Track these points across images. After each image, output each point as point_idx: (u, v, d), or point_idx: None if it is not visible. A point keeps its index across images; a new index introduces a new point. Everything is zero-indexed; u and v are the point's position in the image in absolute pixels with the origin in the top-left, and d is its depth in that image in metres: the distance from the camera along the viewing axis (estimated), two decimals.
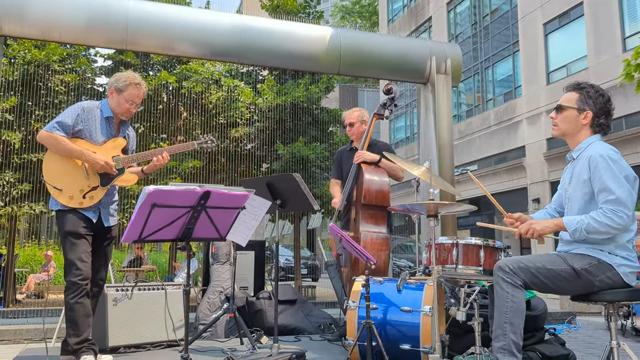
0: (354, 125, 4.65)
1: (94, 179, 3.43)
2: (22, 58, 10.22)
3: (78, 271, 3.28)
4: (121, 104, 3.51)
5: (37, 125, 9.99)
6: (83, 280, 3.29)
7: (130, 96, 3.51)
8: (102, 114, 3.52)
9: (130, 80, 3.51)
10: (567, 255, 2.85)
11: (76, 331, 3.28)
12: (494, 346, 2.75)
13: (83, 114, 3.45)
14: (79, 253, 3.31)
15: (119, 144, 3.56)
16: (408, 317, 3.22)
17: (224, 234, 2.89)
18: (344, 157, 4.74)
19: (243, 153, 11.50)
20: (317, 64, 6.14)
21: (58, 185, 3.38)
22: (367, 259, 3.24)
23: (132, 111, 3.57)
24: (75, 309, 3.27)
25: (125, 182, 3.59)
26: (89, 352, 3.30)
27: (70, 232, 3.35)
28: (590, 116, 2.94)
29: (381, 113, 4.51)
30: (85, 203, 3.39)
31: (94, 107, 3.52)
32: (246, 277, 6.00)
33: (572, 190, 2.95)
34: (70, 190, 3.38)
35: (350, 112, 4.78)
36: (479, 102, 21.97)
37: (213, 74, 11.37)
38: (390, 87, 4.47)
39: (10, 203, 9.98)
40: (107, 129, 3.54)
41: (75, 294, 3.27)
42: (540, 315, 3.53)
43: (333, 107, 14.45)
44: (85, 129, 3.45)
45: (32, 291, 12.43)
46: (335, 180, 4.78)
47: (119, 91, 3.51)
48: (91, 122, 3.47)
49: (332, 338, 4.55)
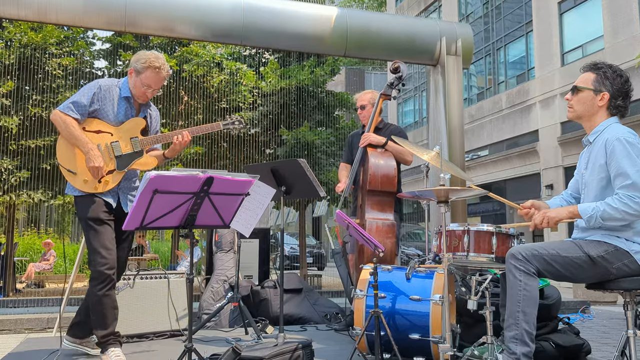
0: (365, 108, 4.49)
1: (110, 162, 3.23)
2: (18, 41, 10.03)
3: (103, 260, 3.11)
4: (137, 87, 3.31)
5: (34, 110, 9.85)
6: (109, 270, 3.12)
7: (147, 79, 3.29)
8: (120, 93, 3.32)
9: (150, 63, 3.27)
10: (582, 242, 2.75)
11: (103, 324, 3.16)
12: (506, 335, 2.67)
13: (100, 92, 3.26)
14: (102, 240, 3.14)
15: (137, 124, 3.35)
16: (417, 306, 3.13)
17: (227, 221, 2.78)
18: (355, 141, 4.61)
19: (246, 138, 11.36)
20: (323, 45, 5.99)
21: (72, 169, 3.20)
22: (374, 247, 3.13)
23: (149, 95, 3.35)
24: (102, 302, 3.13)
25: (143, 166, 3.36)
26: (115, 344, 3.19)
27: (92, 219, 3.17)
28: (607, 98, 2.83)
29: (388, 93, 4.37)
30: (100, 187, 3.20)
31: (112, 85, 3.33)
32: (250, 265, 5.92)
33: (589, 175, 2.85)
34: (84, 174, 3.19)
35: (362, 94, 4.63)
36: (490, 85, 21.67)
37: (215, 56, 11.18)
38: (398, 66, 4.33)
39: (8, 191, 9.87)
40: (126, 109, 3.33)
41: (102, 285, 3.11)
42: (553, 304, 3.43)
43: (339, 90, 14.26)
44: (101, 108, 3.25)
45: (33, 280, 12.38)
46: (345, 165, 4.65)
47: (138, 72, 3.30)
48: (108, 101, 3.27)
49: (339, 328, 4.48)
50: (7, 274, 10.74)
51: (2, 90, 9.58)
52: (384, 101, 4.43)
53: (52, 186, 10.23)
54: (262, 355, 2.75)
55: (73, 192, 3.25)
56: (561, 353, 3.25)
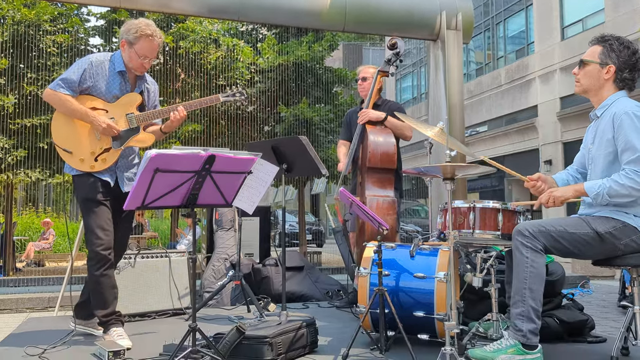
0: (366, 80, 4.41)
1: (105, 140, 3.16)
2: (11, 18, 9.85)
3: (99, 240, 3.07)
4: (133, 59, 3.17)
5: (29, 89, 9.72)
6: (105, 250, 3.08)
7: (142, 50, 3.15)
8: (114, 68, 3.20)
9: (142, 31, 3.13)
10: (590, 218, 2.72)
11: (103, 304, 3.14)
12: (513, 312, 2.65)
13: (91, 68, 3.14)
14: (99, 221, 3.09)
15: (133, 100, 3.24)
16: (421, 283, 3.10)
17: (230, 200, 2.73)
18: (354, 118, 4.54)
19: (244, 116, 11.25)
20: (321, 20, 5.87)
21: (68, 148, 3.13)
22: (378, 224, 3.09)
23: (147, 66, 3.21)
24: (100, 282, 3.10)
25: (140, 143, 3.27)
26: (117, 324, 3.18)
27: (88, 199, 3.12)
28: (613, 70, 2.77)
29: (386, 70, 4.30)
30: (97, 166, 3.14)
31: (104, 60, 3.20)
32: (251, 243, 5.90)
33: (596, 149, 2.80)
34: (80, 153, 3.13)
35: (365, 67, 4.56)
36: (489, 60, 21.46)
37: (211, 32, 11.00)
38: (395, 42, 4.27)
39: (6, 170, 9.80)
40: (120, 84, 3.22)
41: (98, 265, 3.08)
42: (558, 281, 3.42)
43: (336, 66, 14.09)
44: (95, 84, 3.15)
45: (32, 259, 12.39)
46: (344, 142, 4.59)
47: (130, 44, 3.16)
48: (100, 77, 3.16)
49: (341, 305, 4.47)
50: (6, 254, 10.74)
51: None
52: (382, 78, 4.37)
53: (49, 165, 10.17)
54: (267, 333, 2.73)
55: (71, 171, 3.20)
56: (565, 329, 3.25)
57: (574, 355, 2.99)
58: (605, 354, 2.85)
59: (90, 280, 3.14)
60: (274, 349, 2.71)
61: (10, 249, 10.99)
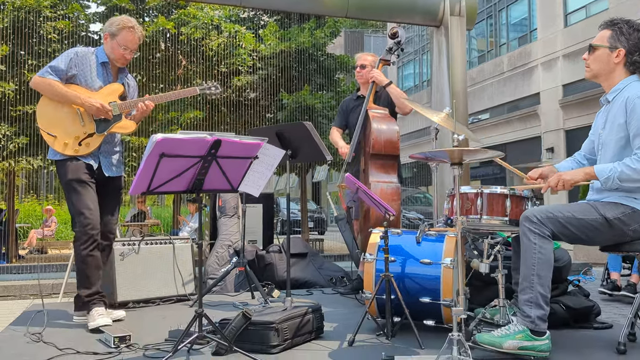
0: (365, 68, 4.45)
1: (89, 125, 3.31)
2: (11, 4, 9.77)
3: (86, 220, 3.17)
4: (115, 49, 3.38)
5: (30, 76, 9.65)
6: (92, 230, 3.18)
7: (123, 41, 3.36)
8: (97, 60, 3.40)
9: (123, 24, 3.37)
10: (598, 204, 2.70)
11: (87, 284, 3.22)
12: (521, 299, 2.64)
13: (76, 58, 3.33)
14: (84, 201, 3.20)
15: (115, 89, 3.42)
16: (428, 269, 3.08)
17: (235, 185, 2.72)
18: (350, 107, 4.56)
19: (246, 103, 11.19)
20: (324, 6, 5.82)
21: (52, 132, 3.26)
22: (385, 210, 3.08)
23: (127, 57, 3.43)
24: (86, 261, 3.19)
25: (122, 129, 3.44)
26: (99, 304, 3.24)
27: (73, 180, 3.24)
28: (623, 54, 2.73)
29: (387, 59, 4.38)
30: (81, 150, 3.28)
31: (88, 53, 3.41)
32: (255, 230, 5.89)
33: (607, 135, 2.77)
34: (64, 137, 3.26)
35: (364, 54, 4.62)
36: (491, 47, 21.32)
37: (213, 18, 10.90)
38: (396, 31, 4.34)
39: (8, 157, 9.78)
40: (103, 74, 3.41)
41: (86, 245, 3.17)
42: (564, 267, 3.40)
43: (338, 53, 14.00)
44: (79, 74, 3.33)
45: (35, 247, 12.41)
46: (337, 129, 4.62)
47: (113, 36, 3.38)
48: (85, 67, 3.35)
49: (345, 291, 4.47)
50: (9, 241, 10.75)
51: None
52: (383, 66, 4.41)
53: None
54: (273, 319, 2.73)
55: (54, 156, 3.31)
56: (571, 315, 3.24)
57: (581, 341, 2.98)
58: (611, 340, 2.84)
59: (77, 259, 3.22)
60: (280, 334, 2.71)
61: (12, 236, 11.00)
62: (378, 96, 4.37)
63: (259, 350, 2.64)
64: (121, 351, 2.70)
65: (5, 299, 6.84)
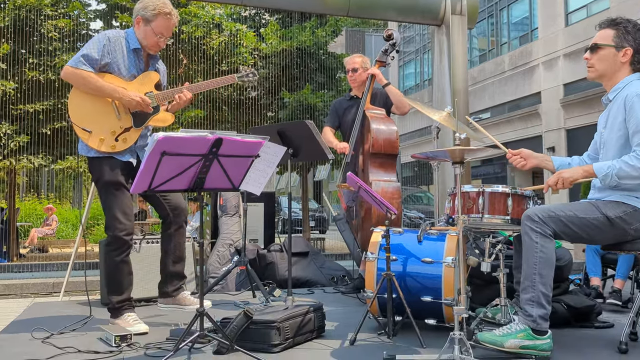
0: (357, 71, 4.50)
1: (126, 118, 3.06)
2: (12, 2, 9.77)
3: (122, 225, 3.01)
4: (149, 37, 3.09)
5: (31, 74, 9.66)
6: (127, 236, 3.03)
7: (159, 28, 3.07)
8: (129, 45, 3.11)
9: (160, 9, 3.06)
10: (600, 203, 2.70)
11: (119, 290, 3.10)
12: (522, 298, 2.63)
13: (109, 44, 3.05)
14: (121, 206, 3.02)
15: (151, 78, 3.16)
16: (429, 268, 3.08)
17: (237, 184, 2.71)
18: (344, 107, 4.58)
19: (247, 102, 11.19)
20: (325, 5, 5.81)
21: (87, 127, 3.00)
22: (387, 209, 3.07)
23: (162, 45, 3.15)
24: (120, 268, 3.07)
25: (161, 122, 3.18)
26: (130, 310, 3.15)
27: (110, 182, 3.03)
28: (630, 53, 2.73)
29: (383, 60, 4.43)
30: (118, 146, 3.03)
31: (120, 37, 3.12)
32: (256, 229, 5.88)
33: (608, 133, 2.77)
34: (100, 132, 3.01)
35: (352, 58, 4.65)
36: (492, 47, 21.30)
37: (214, 17, 10.89)
38: (391, 33, 4.43)
39: (8, 156, 9.78)
40: (135, 62, 3.14)
41: (119, 251, 3.04)
42: (565, 266, 3.40)
43: (339, 52, 14.00)
44: (113, 61, 3.06)
45: (35, 245, 12.42)
46: (330, 128, 4.62)
47: (147, 21, 3.08)
48: (118, 53, 3.07)
49: (346, 290, 4.47)
50: (10, 239, 10.75)
51: None
52: (379, 67, 4.44)
53: (52, 151, 10.14)
54: (274, 318, 2.72)
55: (88, 152, 3.06)
56: (572, 314, 3.23)
57: (582, 340, 2.98)
58: (613, 339, 2.84)
59: (109, 266, 3.10)
60: (281, 333, 2.71)
61: (13, 235, 11.00)
62: (374, 97, 4.40)
63: (260, 349, 2.64)
64: (122, 350, 2.69)
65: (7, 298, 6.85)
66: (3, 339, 3.00)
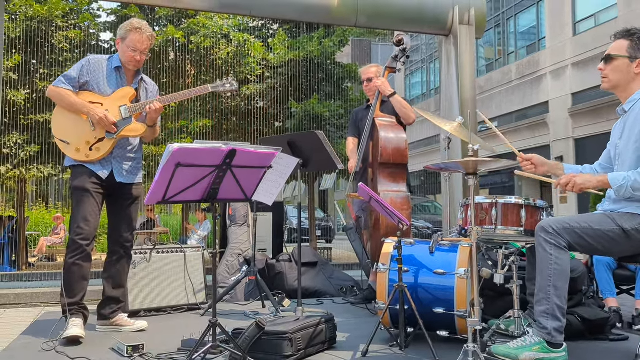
0: (372, 81, 4.48)
1: (100, 130, 3.32)
2: (23, 14, 9.88)
3: (79, 229, 3.21)
4: (125, 52, 3.39)
5: (42, 85, 9.74)
6: (83, 240, 3.21)
7: (131, 42, 3.37)
8: (111, 65, 3.43)
9: (131, 26, 3.39)
10: (615, 214, 2.67)
11: (69, 292, 3.22)
12: (537, 310, 2.61)
13: (88, 65, 3.38)
14: (83, 212, 3.24)
15: (126, 93, 3.43)
16: (441, 280, 3.07)
17: (249, 194, 2.72)
18: (361, 116, 4.58)
19: (255, 111, 11.22)
20: (333, 15, 5.81)
21: (65, 139, 3.32)
22: (399, 220, 3.06)
23: (138, 59, 3.40)
24: (71, 270, 3.21)
25: (132, 132, 3.42)
26: (78, 315, 3.23)
27: (77, 188, 3.28)
28: None
29: (393, 66, 4.39)
30: (92, 155, 3.30)
31: (101, 59, 3.46)
32: (264, 239, 5.87)
33: (624, 145, 2.75)
34: (76, 143, 3.31)
35: (367, 67, 4.64)
36: (499, 56, 21.29)
37: (222, 28, 10.96)
38: (401, 38, 4.34)
39: (19, 165, 9.85)
40: (117, 79, 3.43)
41: (73, 254, 3.20)
42: (579, 278, 3.36)
43: (345, 62, 14.04)
44: (92, 80, 3.37)
45: (44, 254, 12.45)
46: (352, 139, 4.61)
47: (122, 39, 3.41)
48: (98, 73, 3.39)
49: (355, 301, 4.45)
50: (19, 248, 10.79)
51: (9, 64, 9.45)
52: (389, 74, 4.43)
53: (61, 160, 10.19)
54: (286, 329, 2.71)
55: (68, 162, 3.37)
56: (587, 327, 3.20)
57: (597, 353, 2.95)
58: (628, 352, 2.82)
59: (64, 267, 3.26)
60: (293, 344, 2.70)
61: (22, 243, 11.04)
62: (385, 105, 4.36)
63: None
64: None
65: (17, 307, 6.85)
66: (14, 349, 3.00)
